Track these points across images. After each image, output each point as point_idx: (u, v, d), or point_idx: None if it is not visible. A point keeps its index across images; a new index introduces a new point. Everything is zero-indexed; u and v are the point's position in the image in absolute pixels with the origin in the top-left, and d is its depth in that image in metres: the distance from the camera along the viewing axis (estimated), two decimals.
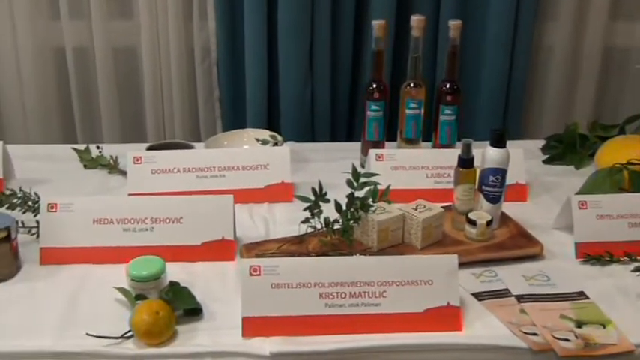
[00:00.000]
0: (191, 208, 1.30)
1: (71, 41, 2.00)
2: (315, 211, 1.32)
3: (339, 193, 1.31)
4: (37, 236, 1.34)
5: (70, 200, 1.29)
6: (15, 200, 1.37)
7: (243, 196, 1.46)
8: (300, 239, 1.32)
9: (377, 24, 1.59)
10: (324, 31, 1.94)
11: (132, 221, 1.29)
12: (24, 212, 1.38)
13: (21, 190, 1.38)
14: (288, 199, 1.52)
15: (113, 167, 1.66)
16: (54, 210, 1.28)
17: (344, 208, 1.29)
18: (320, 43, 1.95)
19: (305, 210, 1.31)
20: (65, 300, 1.18)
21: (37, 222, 1.35)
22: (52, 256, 1.27)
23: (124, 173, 1.62)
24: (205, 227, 1.30)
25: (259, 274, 1.10)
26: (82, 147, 1.74)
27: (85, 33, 2.00)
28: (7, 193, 1.39)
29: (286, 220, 1.45)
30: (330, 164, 1.72)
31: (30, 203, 1.36)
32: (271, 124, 2.01)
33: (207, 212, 1.30)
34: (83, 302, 1.18)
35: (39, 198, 1.36)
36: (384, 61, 1.65)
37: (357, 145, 1.78)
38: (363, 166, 1.68)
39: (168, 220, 1.29)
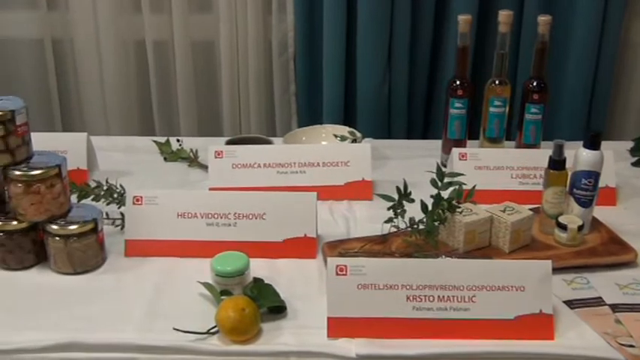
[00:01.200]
0: (274, 204, 1.29)
1: (152, 35, 2.02)
2: (399, 210, 1.29)
3: (419, 191, 1.28)
4: (121, 228, 1.35)
5: (154, 193, 1.30)
6: (100, 192, 1.38)
7: (323, 193, 1.43)
8: (383, 239, 1.29)
9: (462, 19, 1.55)
10: (404, 26, 1.91)
11: (215, 216, 1.29)
12: (108, 204, 1.39)
13: (107, 182, 1.39)
14: (368, 196, 1.50)
15: (193, 160, 1.67)
16: (139, 203, 1.29)
17: (429, 207, 1.26)
18: (399, 39, 1.92)
19: (389, 209, 1.28)
20: (150, 293, 1.18)
21: (121, 214, 1.36)
22: (137, 249, 1.28)
23: (203, 167, 1.63)
24: (288, 224, 1.28)
25: (345, 274, 1.08)
26: (162, 139, 1.75)
27: (166, 27, 2.01)
28: (93, 184, 1.41)
29: (367, 218, 1.43)
30: (409, 162, 1.69)
31: (115, 195, 1.37)
32: (347, 120, 1.99)
33: (290, 209, 1.29)
34: (167, 296, 1.18)
35: (124, 190, 1.37)
36: (469, 57, 1.60)
37: (435, 143, 1.75)
38: (444, 165, 1.64)
39: (251, 216, 1.28)
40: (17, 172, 1.18)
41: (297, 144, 1.65)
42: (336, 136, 1.70)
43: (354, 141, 1.67)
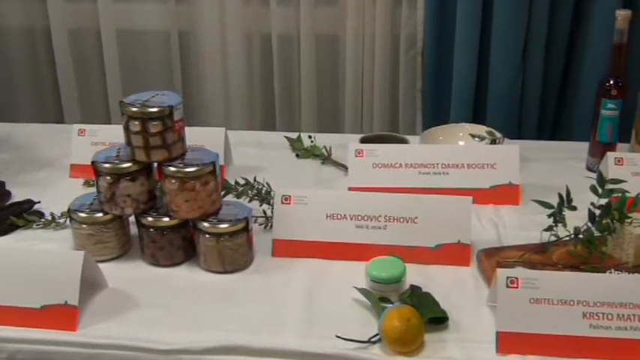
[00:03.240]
0: (427, 207, 1.23)
1: (278, 28, 2.00)
2: (559, 217, 1.22)
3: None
4: (265, 227, 1.33)
5: (303, 193, 1.27)
6: (247, 190, 1.36)
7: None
8: (542, 248, 1.22)
9: (621, 14, 1.45)
10: (541, 20, 1.82)
11: (365, 218, 1.24)
12: (250, 201, 1.37)
13: (255, 180, 1.37)
14: (516, 201, 1.43)
15: (327, 158, 1.62)
16: (288, 202, 1.26)
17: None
18: (536, 34, 1.83)
19: (550, 216, 1.21)
20: (302, 296, 1.15)
21: (264, 212, 1.34)
22: (285, 249, 1.25)
23: (338, 165, 1.59)
24: (441, 229, 1.23)
25: (517, 287, 1.02)
26: (293, 135, 1.72)
27: (292, 20, 1.99)
28: (231, 181, 1.39)
29: (516, 224, 1.36)
30: (552, 164, 1.61)
31: (262, 193, 1.35)
32: (476, 118, 1.91)
33: (444, 213, 1.23)
34: (321, 300, 1.14)
35: (270, 188, 1.35)
36: (625, 55, 1.50)
37: (577, 145, 1.66)
38: (589, 169, 1.55)
39: (402, 220, 1.23)
40: (172, 169, 1.17)
41: (438, 144, 1.59)
42: (473, 136, 1.63)
43: (494, 141, 1.60)
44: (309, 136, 1.70)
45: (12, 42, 2.12)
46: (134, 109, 1.15)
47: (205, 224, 1.19)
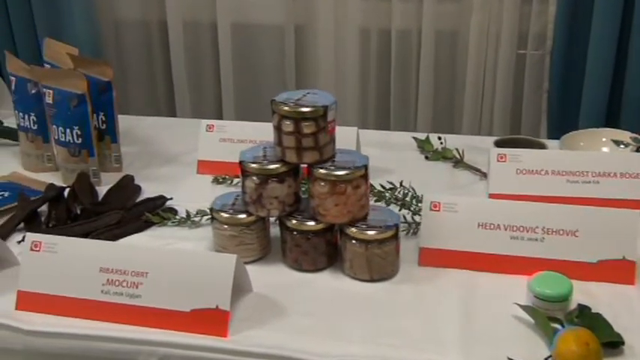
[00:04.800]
0: (589, 220, 1.15)
1: (397, 23, 1.93)
2: None
3: None
4: (407, 233, 1.27)
5: (453, 200, 1.20)
6: (392, 195, 1.31)
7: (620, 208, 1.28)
8: None
9: None
10: None
11: (521, 229, 1.17)
12: (387, 205, 1.31)
13: (401, 184, 1.32)
14: None
15: (459, 161, 1.55)
16: (437, 209, 1.19)
17: None
18: None
19: None
20: (457, 309, 1.08)
21: (404, 217, 1.28)
22: (432, 258, 1.19)
23: (471, 168, 1.52)
24: (604, 243, 1.14)
25: None
26: (422, 136, 1.65)
27: (413, 15, 1.92)
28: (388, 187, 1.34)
29: None
30: None
31: (408, 199, 1.29)
32: (608, 123, 1.81)
33: (607, 227, 1.14)
34: (478, 315, 1.07)
35: (415, 192, 1.29)
36: None
37: None
38: None
39: (561, 232, 1.15)
40: (323, 171, 1.12)
41: (579, 150, 1.50)
42: (617, 142, 1.53)
43: (639, 149, 1.50)
44: (439, 137, 1.62)
45: (128, 34, 2.12)
46: (287, 108, 1.11)
47: (353, 230, 1.14)
